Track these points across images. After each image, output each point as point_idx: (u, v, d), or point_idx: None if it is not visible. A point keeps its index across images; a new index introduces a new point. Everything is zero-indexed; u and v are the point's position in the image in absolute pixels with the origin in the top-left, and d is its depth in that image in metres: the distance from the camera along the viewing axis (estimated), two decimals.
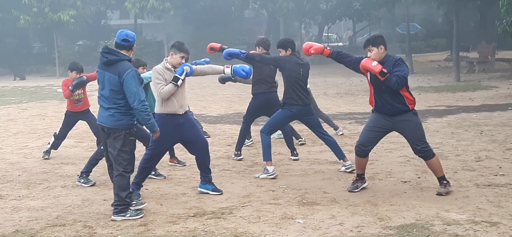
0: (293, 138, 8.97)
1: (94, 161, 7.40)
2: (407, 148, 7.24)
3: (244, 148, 9.04)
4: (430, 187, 6.67)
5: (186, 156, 8.25)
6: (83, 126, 10.27)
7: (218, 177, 7.44)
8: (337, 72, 24.86)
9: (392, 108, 6.34)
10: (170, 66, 6.49)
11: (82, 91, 8.96)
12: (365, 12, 38.57)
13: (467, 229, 5.21)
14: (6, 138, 11.52)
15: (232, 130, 11.54)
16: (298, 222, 5.58)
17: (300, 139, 9.71)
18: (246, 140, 9.45)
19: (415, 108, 6.47)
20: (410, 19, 29.37)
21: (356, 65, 6.48)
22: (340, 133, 10.60)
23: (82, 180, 7.36)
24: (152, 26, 39.65)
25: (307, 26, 44.19)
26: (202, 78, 20.76)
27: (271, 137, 7.91)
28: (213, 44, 7.89)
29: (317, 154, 8.93)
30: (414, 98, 6.45)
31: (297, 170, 7.89)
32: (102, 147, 6.30)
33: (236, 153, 8.74)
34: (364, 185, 6.74)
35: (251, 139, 9.84)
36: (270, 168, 7.50)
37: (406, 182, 7.05)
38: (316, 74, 24.17)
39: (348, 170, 7.59)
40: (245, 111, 9.12)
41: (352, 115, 13.49)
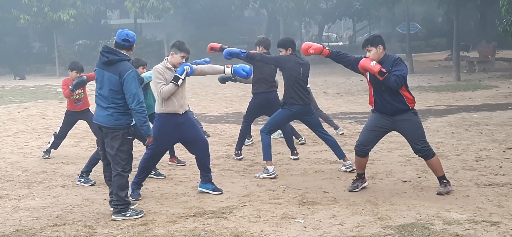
0: (293, 137, 8.97)
1: (94, 160, 7.39)
2: (408, 148, 7.24)
3: (244, 148, 9.04)
4: (431, 187, 6.67)
5: (186, 156, 8.25)
6: (83, 126, 10.27)
7: (218, 176, 7.44)
8: (337, 71, 24.85)
9: (391, 107, 6.34)
10: (170, 66, 6.49)
11: (82, 91, 8.96)
12: (365, 11, 38.55)
13: (468, 228, 5.21)
14: (6, 137, 11.52)
15: (232, 130, 11.54)
16: (299, 221, 5.58)
17: (300, 139, 9.71)
18: (246, 140, 9.45)
19: (415, 107, 6.47)
20: (410, 19, 29.35)
21: (355, 65, 6.48)
22: (340, 132, 10.60)
23: (82, 180, 7.36)
24: (152, 25, 39.64)
25: (307, 25, 44.16)
26: (202, 77, 20.74)
27: (271, 136, 7.91)
28: (213, 44, 7.89)
29: (317, 153, 8.93)
30: (413, 97, 6.45)
31: (297, 170, 7.89)
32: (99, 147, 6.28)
33: (236, 152, 8.73)
34: (364, 184, 6.73)
35: (251, 139, 9.84)
36: (270, 168, 7.49)
37: (406, 181, 7.05)
38: (316, 73, 24.17)
39: (348, 170, 7.59)
40: (245, 111, 9.12)
41: (352, 115, 13.48)
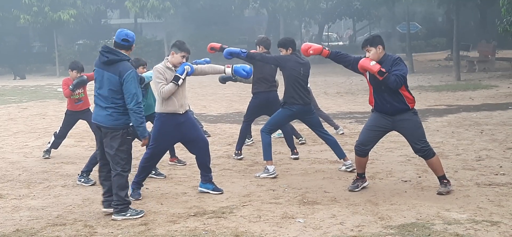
0: (293, 137, 8.97)
1: (94, 160, 7.37)
2: (408, 148, 7.24)
3: (244, 148, 9.04)
4: (431, 187, 6.67)
5: (187, 156, 8.25)
6: (83, 126, 10.27)
7: (218, 176, 7.44)
8: (337, 71, 24.85)
9: (391, 107, 6.34)
10: (171, 65, 6.49)
11: (83, 91, 8.96)
12: (365, 11, 38.52)
13: (468, 228, 5.21)
14: (6, 137, 11.52)
15: (232, 130, 11.54)
16: (299, 221, 5.58)
17: (300, 139, 9.71)
18: (247, 140, 9.45)
19: (415, 107, 6.47)
20: (410, 18, 29.34)
21: (355, 65, 6.48)
22: (340, 132, 10.60)
23: (83, 180, 7.35)
24: (152, 25, 39.62)
25: (307, 25, 44.17)
26: (202, 77, 20.75)
27: (272, 136, 7.91)
28: (213, 44, 7.89)
29: (317, 153, 8.93)
30: (413, 97, 6.44)
31: (297, 170, 7.89)
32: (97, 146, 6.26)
33: (236, 152, 8.73)
34: (364, 184, 6.73)
35: (252, 139, 9.84)
36: (271, 168, 7.49)
37: (406, 181, 7.05)
38: (316, 73, 24.16)
39: (348, 170, 7.59)
40: (245, 110, 9.12)
41: (352, 114, 13.48)
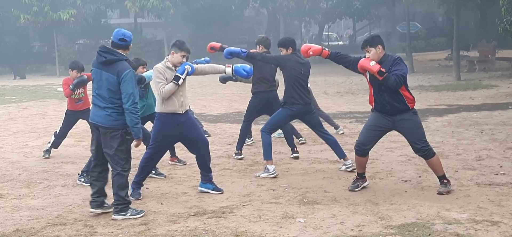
0: (293, 137, 8.97)
1: None
2: (408, 147, 7.24)
3: (244, 147, 9.03)
4: (431, 186, 6.66)
5: (187, 155, 8.24)
6: (84, 125, 10.26)
7: (218, 176, 7.44)
8: (337, 71, 24.83)
9: (391, 107, 6.34)
10: (171, 65, 6.49)
11: (83, 90, 8.96)
12: (365, 11, 38.52)
13: (468, 228, 5.21)
14: (6, 137, 11.52)
15: (232, 129, 11.54)
16: (299, 221, 5.58)
17: (300, 138, 9.71)
18: (247, 139, 9.45)
19: (415, 107, 6.47)
20: (411, 18, 29.34)
21: (355, 65, 6.48)
22: (340, 132, 10.60)
23: (83, 179, 7.35)
24: (152, 25, 39.62)
25: (307, 25, 44.16)
26: (202, 77, 20.76)
27: (272, 136, 7.91)
28: (213, 43, 7.89)
29: (317, 153, 8.93)
30: (413, 97, 6.44)
31: (297, 169, 7.89)
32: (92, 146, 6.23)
33: (236, 152, 8.73)
34: (364, 184, 6.73)
35: (252, 138, 9.84)
36: (271, 167, 7.49)
37: (406, 181, 7.05)
38: (316, 73, 24.14)
39: (348, 169, 7.59)
40: (245, 110, 9.12)
41: (352, 114, 13.48)
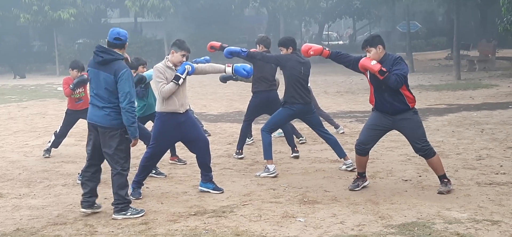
0: (293, 136, 8.97)
1: None
2: (408, 147, 7.24)
3: (245, 147, 9.03)
4: (431, 186, 6.66)
5: (187, 155, 8.24)
6: (84, 125, 10.15)
7: (219, 175, 7.44)
8: (337, 70, 24.83)
9: (392, 107, 6.33)
10: (171, 65, 6.48)
11: (83, 90, 8.96)
12: (365, 10, 38.54)
13: (468, 227, 5.21)
14: (6, 136, 11.52)
15: (232, 129, 11.54)
16: (299, 220, 5.58)
17: (301, 138, 9.70)
18: (247, 139, 9.44)
19: (416, 106, 6.46)
20: (411, 18, 29.33)
21: (355, 64, 6.48)
22: (340, 131, 10.59)
23: None
24: (152, 24, 39.62)
25: (307, 24, 44.14)
26: (203, 76, 20.74)
27: (272, 135, 7.91)
28: (213, 43, 7.89)
29: (318, 152, 8.93)
30: (414, 96, 6.44)
31: (298, 169, 7.88)
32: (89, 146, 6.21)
33: (237, 151, 8.73)
34: (365, 183, 6.73)
35: (252, 138, 9.83)
36: (271, 167, 7.49)
37: (407, 180, 7.04)
38: (316, 72, 24.15)
39: (348, 169, 7.59)
40: (245, 110, 9.12)
41: (352, 114, 13.48)
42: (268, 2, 33.81)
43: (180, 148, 8.41)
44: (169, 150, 7.93)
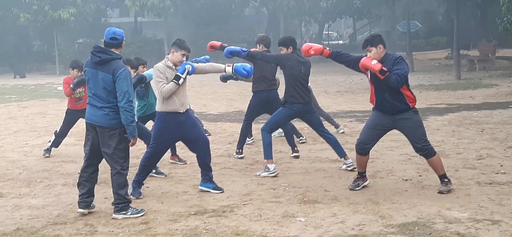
0: (294, 136, 8.97)
1: None
2: (408, 146, 7.24)
3: (245, 146, 9.02)
4: (432, 185, 6.66)
5: (187, 154, 8.24)
6: (84, 124, 10.22)
7: (219, 175, 7.43)
8: (337, 70, 24.84)
9: (392, 106, 6.33)
10: (171, 64, 6.48)
11: (83, 89, 8.95)
12: (365, 10, 38.54)
13: (469, 227, 5.21)
14: (6, 136, 11.52)
15: (232, 128, 11.54)
16: (300, 220, 5.58)
17: (301, 138, 9.70)
18: (247, 138, 9.44)
19: (416, 106, 6.46)
20: (411, 17, 29.34)
21: (356, 64, 6.47)
22: (341, 131, 10.59)
23: None
24: (152, 24, 39.61)
25: (308, 24, 44.13)
26: (203, 76, 20.73)
27: (272, 135, 7.91)
28: (213, 42, 7.89)
29: (318, 152, 8.92)
30: (414, 96, 6.44)
31: (298, 168, 7.88)
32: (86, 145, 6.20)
33: (237, 151, 8.73)
34: (365, 183, 6.73)
35: (252, 137, 9.83)
36: (271, 166, 7.49)
37: (407, 180, 7.04)
38: (316, 72, 24.15)
39: (349, 168, 7.58)
40: (245, 109, 9.12)
41: (352, 113, 13.48)
42: (268, 1, 33.82)
43: (180, 148, 8.41)
44: (169, 150, 7.92)
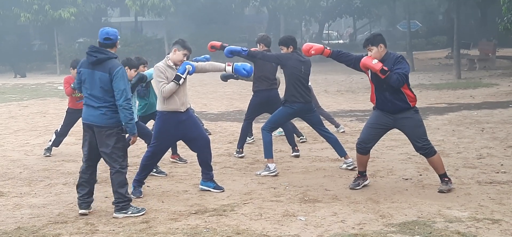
0: (294, 135, 8.97)
1: None
2: (409, 146, 7.24)
3: (245, 146, 9.03)
4: (432, 185, 6.67)
5: (188, 154, 8.25)
6: None
7: (219, 174, 7.44)
8: (337, 69, 24.85)
9: (393, 105, 6.34)
10: (172, 64, 6.48)
11: None
12: (365, 9, 38.54)
13: (469, 226, 5.21)
14: (7, 135, 11.53)
15: (233, 128, 11.55)
16: (300, 219, 5.59)
17: (301, 137, 9.71)
18: (248, 138, 9.44)
19: (416, 105, 6.47)
20: (411, 17, 29.34)
21: (356, 63, 6.48)
22: (341, 130, 10.59)
23: None
24: (152, 23, 39.63)
25: (308, 23, 44.14)
26: (203, 75, 20.75)
27: (272, 134, 7.91)
28: (213, 42, 7.89)
29: (318, 151, 8.93)
30: (415, 95, 6.44)
31: (298, 168, 7.89)
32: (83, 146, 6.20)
33: (237, 150, 8.73)
34: (365, 182, 6.73)
35: (253, 137, 9.84)
36: (272, 166, 7.49)
37: (407, 179, 7.05)
38: (317, 71, 24.15)
39: (349, 168, 7.59)
40: (246, 109, 9.12)
41: (353, 113, 13.48)
42: (268, 1, 33.82)
43: (181, 147, 8.42)
44: (170, 149, 7.92)
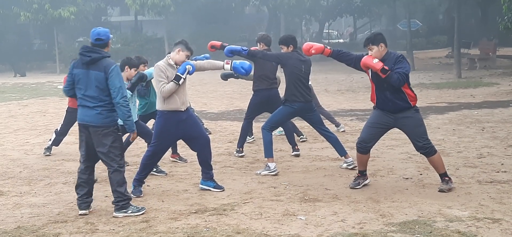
0: (294, 134, 8.97)
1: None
2: (409, 145, 7.24)
3: (245, 145, 9.03)
4: (432, 184, 6.66)
5: (188, 153, 8.24)
6: None
7: (219, 173, 7.44)
8: (338, 69, 24.83)
9: (393, 105, 6.33)
10: (172, 63, 6.48)
11: None
12: (366, 8, 38.52)
13: (469, 225, 5.21)
14: (7, 134, 11.52)
15: (233, 127, 11.54)
16: (300, 218, 5.58)
17: (301, 136, 9.70)
18: (248, 137, 9.44)
19: (417, 104, 6.46)
20: (411, 16, 29.33)
21: (357, 63, 6.47)
22: (341, 129, 10.59)
23: None
24: (152, 22, 39.61)
25: (308, 22, 44.14)
26: (203, 74, 20.69)
27: (273, 133, 7.90)
28: (213, 42, 7.89)
29: (318, 150, 8.92)
30: (415, 95, 6.44)
31: (298, 167, 7.88)
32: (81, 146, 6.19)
33: (237, 149, 8.73)
34: (365, 181, 6.73)
35: (253, 136, 9.83)
36: (272, 165, 7.49)
37: (408, 178, 7.04)
38: (317, 71, 24.14)
39: (349, 167, 7.58)
40: (246, 108, 9.12)
41: (353, 112, 13.48)
42: (268, 0, 33.79)
43: (181, 146, 8.41)
44: (170, 148, 7.92)
